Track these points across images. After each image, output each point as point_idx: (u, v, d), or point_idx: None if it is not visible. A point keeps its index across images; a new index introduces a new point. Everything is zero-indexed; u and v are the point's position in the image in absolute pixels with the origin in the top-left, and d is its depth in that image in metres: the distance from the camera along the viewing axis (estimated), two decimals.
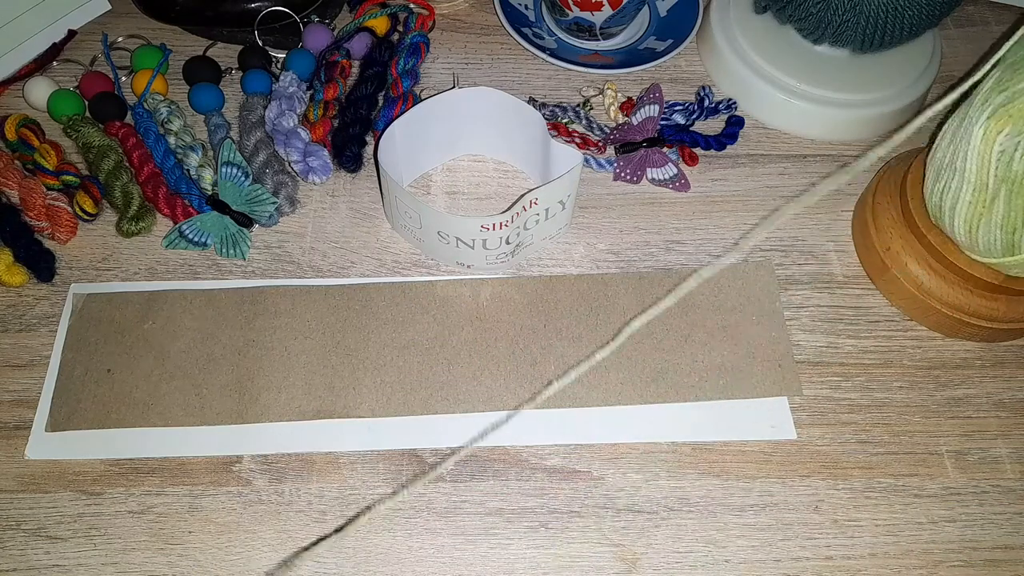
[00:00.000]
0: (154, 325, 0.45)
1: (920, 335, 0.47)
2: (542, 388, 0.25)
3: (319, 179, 0.50)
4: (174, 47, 0.56)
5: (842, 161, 0.53)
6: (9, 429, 0.43)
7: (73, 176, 0.49)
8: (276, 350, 0.45)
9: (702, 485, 0.42)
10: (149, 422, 0.42)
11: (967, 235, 0.41)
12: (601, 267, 0.49)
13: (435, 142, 0.50)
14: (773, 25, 0.55)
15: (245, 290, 0.47)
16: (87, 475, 0.41)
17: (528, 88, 0.56)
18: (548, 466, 0.42)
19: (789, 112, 0.54)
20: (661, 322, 0.46)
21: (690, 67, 0.58)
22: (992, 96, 0.37)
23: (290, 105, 0.51)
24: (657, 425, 0.43)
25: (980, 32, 0.61)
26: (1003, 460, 0.43)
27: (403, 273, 0.48)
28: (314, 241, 0.49)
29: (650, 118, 0.51)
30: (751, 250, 0.49)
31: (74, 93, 0.52)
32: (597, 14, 0.54)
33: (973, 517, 0.41)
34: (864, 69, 0.54)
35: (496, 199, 0.51)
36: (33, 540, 0.40)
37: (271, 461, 0.42)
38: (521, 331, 0.46)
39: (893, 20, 0.48)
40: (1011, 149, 0.36)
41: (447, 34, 0.59)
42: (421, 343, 0.45)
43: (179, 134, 0.51)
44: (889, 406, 0.44)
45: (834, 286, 0.48)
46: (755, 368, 0.45)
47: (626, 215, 0.51)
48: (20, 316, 0.46)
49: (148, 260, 0.48)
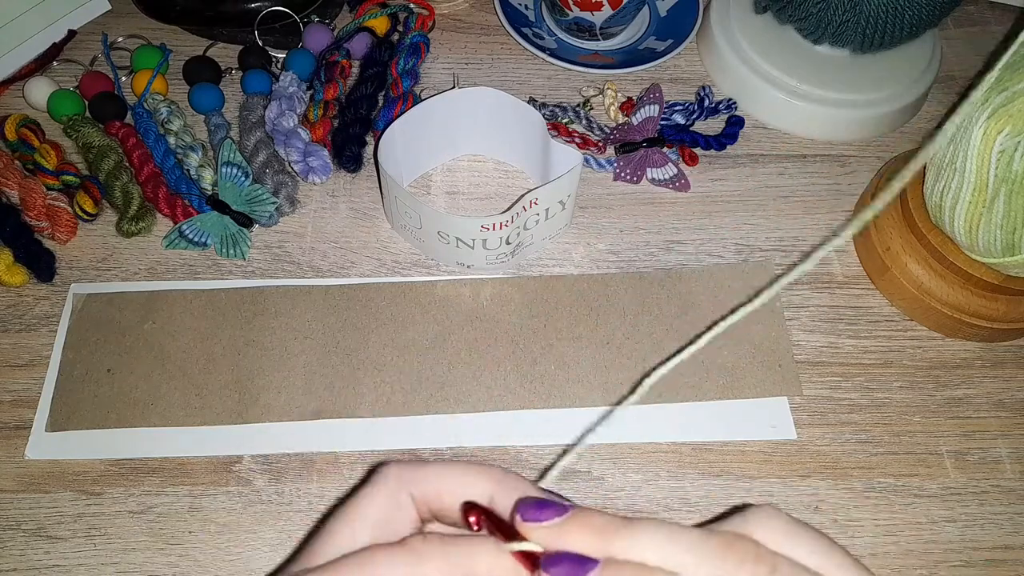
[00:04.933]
0: (154, 325, 0.45)
1: (920, 335, 0.47)
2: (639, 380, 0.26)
3: (319, 179, 0.50)
4: (174, 47, 0.56)
5: (842, 161, 0.53)
6: (9, 429, 0.43)
7: (73, 176, 0.49)
8: (276, 350, 0.45)
9: (702, 485, 0.42)
10: (149, 422, 0.43)
11: (967, 235, 0.41)
12: (601, 267, 0.49)
13: (435, 142, 0.50)
14: (773, 25, 0.55)
15: (245, 290, 0.47)
16: (87, 475, 0.41)
17: (528, 88, 0.56)
18: (548, 466, 0.42)
19: (789, 112, 0.54)
20: (661, 322, 0.46)
21: (690, 67, 0.58)
22: (992, 96, 0.37)
23: (290, 105, 0.51)
24: (657, 425, 0.43)
25: (980, 32, 0.61)
26: (1003, 460, 0.43)
27: (403, 273, 0.48)
28: (314, 241, 0.49)
29: (650, 118, 0.51)
30: (751, 250, 0.49)
31: (74, 93, 0.52)
32: (597, 14, 0.54)
33: (973, 517, 0.41)
34: (864, 69, 0.54)
35: (496, 199, 0.51)
36: (33, 540, 0.40)
37: (271, 461, 0.42)
38: (521, 331, 0.46)
39: (893, 20, 0.48)
40: (1011, 149, 0.36)
41: (447, 34, 0.59)
42: (421, 343, 0.45)
43: (179, 134, 0.51)
44: (889, 406, 0.44)
45: (834, 286, 0.48)
46: (755, 368, 0.45)
47: (626, 215, 0.51)
48: (20, 316, 0.46)
49: (148, 260, 0.48)
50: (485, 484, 0.23)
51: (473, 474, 0.24)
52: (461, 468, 0.24)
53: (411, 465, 0.24)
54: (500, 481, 0.23)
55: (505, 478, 0.24)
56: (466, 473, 0.24)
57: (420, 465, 0.24)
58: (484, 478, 0.24)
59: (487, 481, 0.24)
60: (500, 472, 0.24)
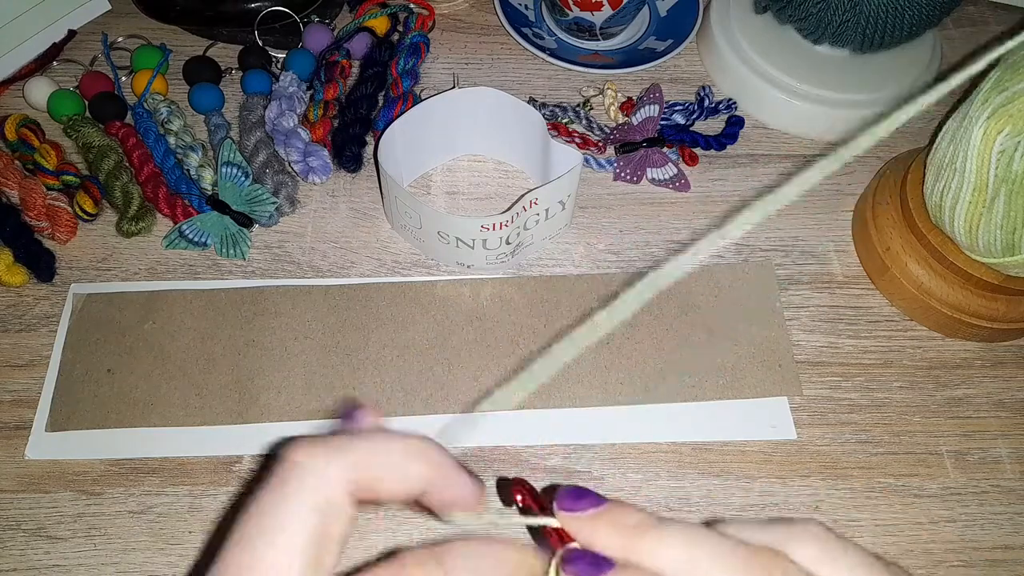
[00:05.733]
0: (154, 325, 0.45)
1: (920, 335, 0.47)
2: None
3: (319, 179, 0.50)
4: (174, 47, 0.56)
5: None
6: (9, 429, 0.43)
7: (73, 176, 0.49)
8: (276, 350, 0.45)
9: (702, 485, 0.42)
10: (149, 422, 0.43)
11: (967, 235, 0.41)
12: (601, 267, 0.49)
13: (435, 142, 0.50)
14: (773, 25, 0.55)
15: (245, 290, 0.47)
16: (87, 475, 0.41)
17: (528, 88, 0.56)
18: (548, 466, 0.42)
19: (789, 112, 0.54)
20: (661, 322, 0.46)
21: (690, 67, 0.58)
22: (992, 96, 0.37)
23: (290, 105, 0.51)
24: (657, 425, 0.43)
25: (980, 32, 0.61)
26: (1003, 460, 0.43)
27: (403, 273, 0.48)
28: (314, 241, 0.49)
29: (650, 118, 0.51)
30: (751, 250, 0.49)
31: (74, 93, 0.52)
32: (597, 14, 0.54)
33: (973, 517, 0.41)
34: (864, 69, 0.53)
35: (496, 199, 0.51)
36: (33, 540, 0.40)
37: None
38: (521, 331, 0.46)
39: (893, 20, 0.48)
40: (1011, 149, 0.36)
41: (447, 34, 0.59)
42: (421, 343, 0.45)
43: (179, 134, 0.51)
44: (889, 406, 0.44)
45: (834, 286, 0.48)
46: (755, 368, 0.45)
47: (626, 215, 0.51)
48: (20, 316, 0.46)
49: (148, 260, 0.48)
50: (422, 467, 0.21)
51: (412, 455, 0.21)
52: (398, 446, 0.20)
53: (333, 449, 0.19)
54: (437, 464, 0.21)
55: (442, 460, 0.21)
56: (404, 454, 0.21)
57: (343, 448, 0.20)
58: (422, 460, 0.21)
59: (425, 464, 0.21)
60: (436, 451, 0.21)
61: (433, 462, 0.21)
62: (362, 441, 0.20)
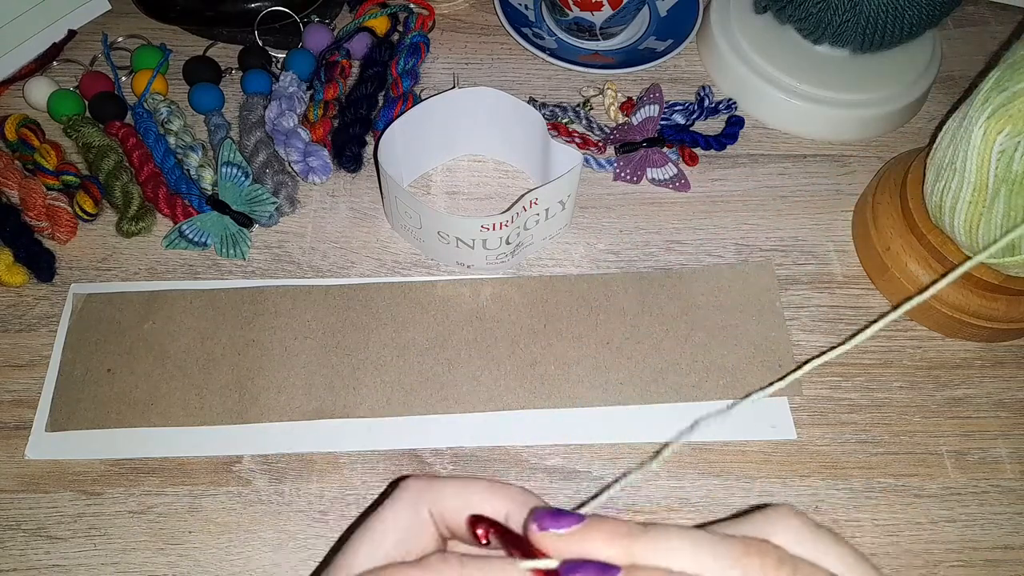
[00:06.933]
0: (154, 325, 0.45)
1: (920, 335, 0.47)
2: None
3: (319, 179, 0.50)
4: (174, 47, 0.56)
5: (842, 161, 0.53)
6: (9, 429, 0.43)
7: (73, 176, 0.49)
8: (276, 350, 0.45)
9: (702, 485, 0.42)
10: (149, 422, 0.42)
11: (967, 235, 0.41)
12: (601, 267, 0.49)
13: (435, 142, 0.50)
14: (773, 25, 0.55)
15: (245, 290, 0.47)
16: (87, 475, 0.41)
17: (528, 88, 0.56)
18: (548, 466, 0.42)
19: (789, 112, 0.54)
20: (661, 322, 0.46)
21: (690, 67, 0.58)
22: (992, 96, 0.37)
23: (290, 105, 0.51)
24: (657, 425, 0.43)
25: (980, 32, 0.61)
26: (1003, 460, 0.43)
27: (403, 273, 0.48)
28: (314, 241, 0.49)
29: (650, 118, 0.52)
30: (751, 250, 0.49)
31: (74, 93, 0.52)
32: (597, 14, 0.54)
33: (973, 517, 0.41)
34: (864, 69, 0.54)
35: (496, 199, 0.51)
36: (33, 540, 0.40)
37: (271, 461, 0.42)
38: (521, 331, 0.46)
39: (893, 20, 0.48)
40: (1011, 149, 0.36)
41: (447, 34, 0.59)
42: (421, 343, 0.45)
43: (179, 134, 0.51)
44: (889, 406, 0.44)
45: (834, 286, 0.48)
46: (755, 368, 0.45)
47: (626, 215, 0.51)
48: (20, 316, 0.46)
49: (148, 260, 0.48)
50: (503, 503, 0.23)
51: (493, 492, 0.23)
52: (482, 486, 0.24)
53: (432, 481, 0.24)
54: (520, 502, 0.23)
55: (525, 498, 0.23)
56: (487, 491, 0.24)
57: (441, 481, 0.24)
58: (503, 497, 0.23)
59: (505, 500, 0.23)
60: (520, 492, 0.24)
61: (514, 498, 0.23)
62: (453, 479, 0.24)
